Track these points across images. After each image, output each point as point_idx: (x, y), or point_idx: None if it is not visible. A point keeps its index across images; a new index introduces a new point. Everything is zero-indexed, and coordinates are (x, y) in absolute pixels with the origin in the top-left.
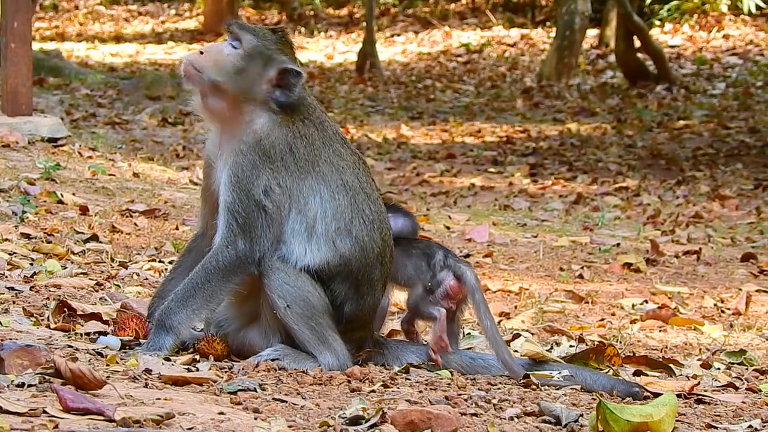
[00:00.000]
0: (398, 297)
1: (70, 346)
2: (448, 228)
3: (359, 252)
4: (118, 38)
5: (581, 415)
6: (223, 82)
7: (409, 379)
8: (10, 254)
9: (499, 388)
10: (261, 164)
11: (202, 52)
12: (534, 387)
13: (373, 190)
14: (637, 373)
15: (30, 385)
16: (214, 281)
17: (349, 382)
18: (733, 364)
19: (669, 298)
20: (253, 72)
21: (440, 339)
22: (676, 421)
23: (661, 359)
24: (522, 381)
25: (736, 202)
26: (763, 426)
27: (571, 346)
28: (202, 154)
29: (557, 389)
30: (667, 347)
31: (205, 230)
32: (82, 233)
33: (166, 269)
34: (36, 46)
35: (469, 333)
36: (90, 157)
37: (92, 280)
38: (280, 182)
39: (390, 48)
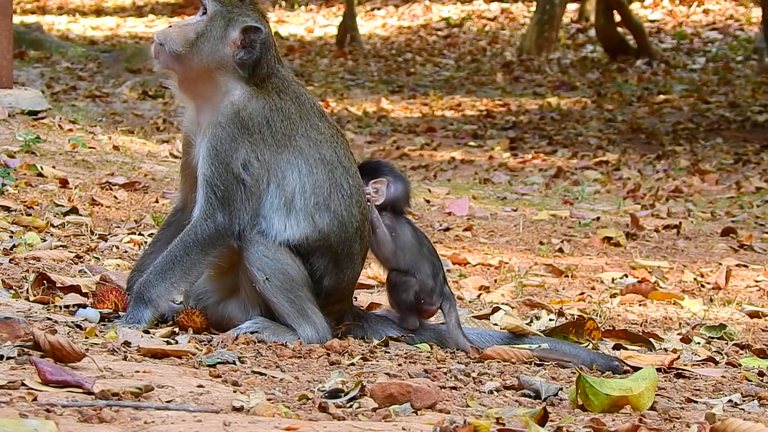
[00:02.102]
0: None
1: (49, 319)
2: (428, 201)
3: (338, 227)
4: (99, 11)
5: (561, 389)
6: (186, 52)
7: (389, 353)
8: None
9: (478, 362)
10: (240, 136)
11: (170, 26)
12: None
13: (351, 164)
14: (616, 347)
15: (9, 358)
16: (193, 254)
17: (328, 355)
18: (712, 338)
19: (649, 272)
20: (215, 35)
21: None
22: (656, 395)
23: (640, 333)
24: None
25: (716, 176)
26: (743, 400)
27: (550, 319)
28: (181, 128)
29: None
30: (646, 321)
31: (184, 204)
32: (62, 206)
33: (145, 242)
34: (17, 19)
35: None
36: (70, 130)
37: (72, 252)
38: (258, 156)
39: (370, 22)
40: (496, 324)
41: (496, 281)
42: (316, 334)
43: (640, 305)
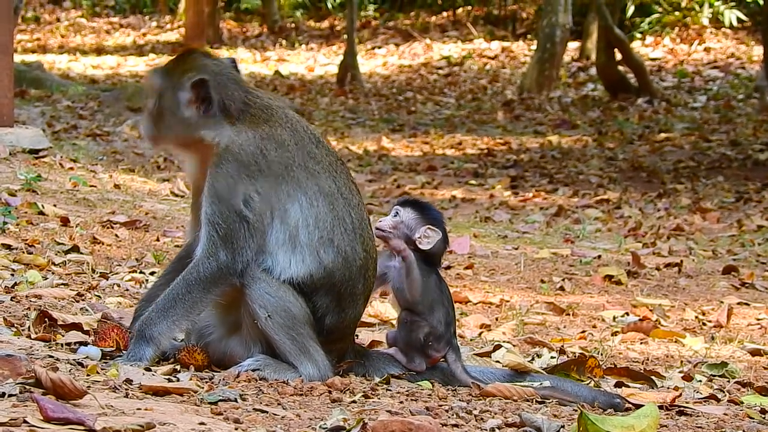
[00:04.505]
0: (379, 308)
1: (50, 356)
2: None
3: (342, 264)
4: (100, 50)
5: (563, 427)
6: (159, 134)
7: (390, 390)
8: None
9: (480, 399)
10: (236, 172)
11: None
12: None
13: (353, 195)
14: (618, 385)
15: (11, 395)
16: (195, 292)
17: (329, 392)
18: (714, 376)
19: (650, 310)
20: (171, 107)
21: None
22: None
23: (642, 371)
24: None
25: (718, 214)
26: None
27: (552, 357)
28: (183, 167)
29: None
30: (648, 359)
31: (194, 240)
32: (63, 244)
33: (147, 280)
34: (17, 58)
35: None
36: (71, 169)
37: (73, 290)
38: (258, 188)
39: (371, 60)
40: (497, 361)
41: (497, 319)
42: (317, 372)
43: (641, 343)
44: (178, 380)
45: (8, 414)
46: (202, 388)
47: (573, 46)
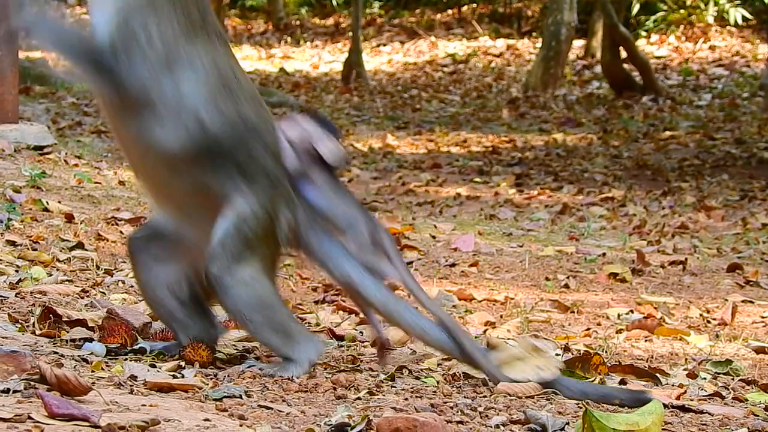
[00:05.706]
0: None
1: (55, 353)
2: (433, 237)
3: (230, 129)
4: None
5: (567, 423)
6: None
7: (395, 387)
8: None
9: (484, 396)
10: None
11: None
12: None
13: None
14: (623, 382)
15: (15, 391)
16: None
17: (334, 389)
18: (719, 374)
19: (655, 308)
20: None
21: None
22: (663, 429)
23: (647, 368)
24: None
25: (722, 212)
26: None
27: (556, 354)
28: None
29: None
30: (653, 357)
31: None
32: (68, 241)
33: None
34: (22, 54)
35: None
36: (76, 165)
37: (78, 287)
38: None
39: (376, 58)
40: None
41: (502, 317)
42: (313, 350)
43: (646, 341)
44: (182, 377)
45: (13, 410)
46: (207, 384)
47: (578, 44)
